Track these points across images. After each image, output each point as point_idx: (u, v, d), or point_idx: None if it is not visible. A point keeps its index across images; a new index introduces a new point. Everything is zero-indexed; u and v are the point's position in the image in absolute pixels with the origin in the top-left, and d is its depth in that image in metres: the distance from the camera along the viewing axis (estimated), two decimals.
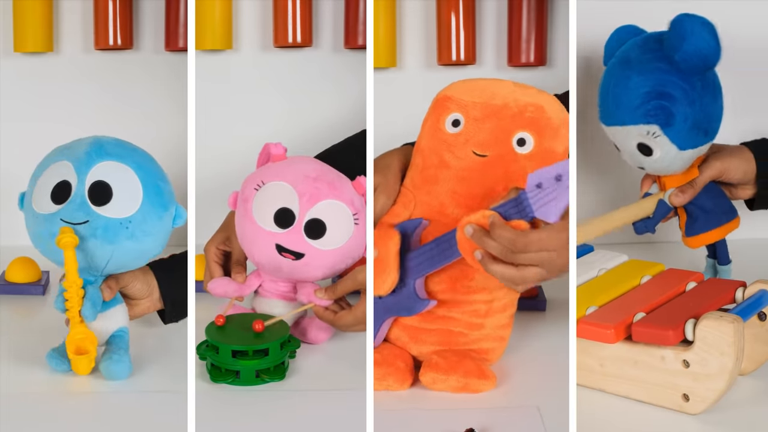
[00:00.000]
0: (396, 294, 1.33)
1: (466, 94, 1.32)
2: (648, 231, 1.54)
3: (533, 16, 1.80)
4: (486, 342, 1.35)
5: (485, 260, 1.24)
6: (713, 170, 1.52)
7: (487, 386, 1.31)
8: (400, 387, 1.32)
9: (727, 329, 1.19)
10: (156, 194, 1.34)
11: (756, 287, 1.31)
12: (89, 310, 1.32)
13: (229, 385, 1.33)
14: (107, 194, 1.31)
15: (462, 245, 1.25)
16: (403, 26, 1.83)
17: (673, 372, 1.23)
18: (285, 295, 1.46)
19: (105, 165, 1.33)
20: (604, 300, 1.34)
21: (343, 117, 1.84)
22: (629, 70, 1.47)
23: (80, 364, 1.33)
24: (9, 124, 1.83)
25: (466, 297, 1.33)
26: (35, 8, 1.78)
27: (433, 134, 1.34)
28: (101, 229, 1.30)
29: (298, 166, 1.44)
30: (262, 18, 1.83)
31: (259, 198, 1.41)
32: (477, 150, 1.31)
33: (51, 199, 1.32)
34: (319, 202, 1.40)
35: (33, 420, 1.25)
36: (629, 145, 1.49)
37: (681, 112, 1.44)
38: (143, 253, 1.35)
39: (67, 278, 1.31)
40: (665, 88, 1.44)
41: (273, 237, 1.40)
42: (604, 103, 1.51)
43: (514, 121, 1.30)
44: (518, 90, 1.31)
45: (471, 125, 1.31)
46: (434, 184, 1.33)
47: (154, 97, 1.84)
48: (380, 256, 1.32)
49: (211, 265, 1.49)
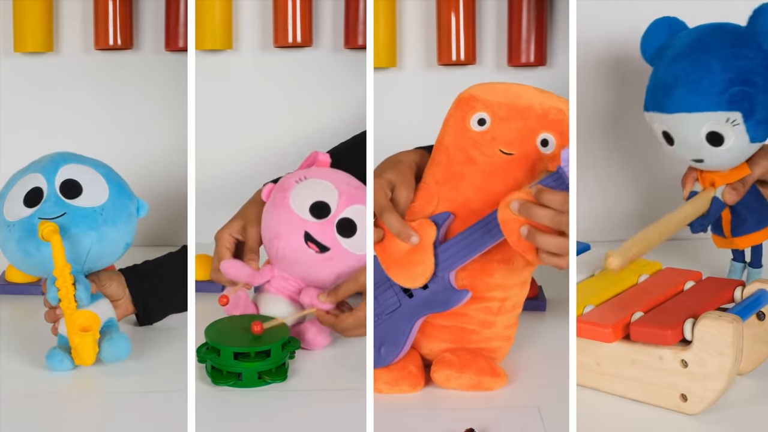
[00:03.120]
0: (428, 289, 1.33)
1: (490, 95, 1.34)
2: (703, 230, 1.51)
3: (533, 16, 1.80)
4: (495, 341, 1.36)
5: (533, 234, 1.24)
6: (762, 168, 1.49)
7: (498, 384, 1.32)
8: (413, 390, 1.32)
9: (726, 329, 1.19)
10: (119, 186, 1.42)
11: (755, 287, 1.30)
12: (83, 292, 1.35)
13: (231, 387, 1.33)
14: (77, 189, 1.39)
15: (506, 226, 1.26)
16: (403, 26, 1.83)
17: (671, 372, 1.23)
18: (291, 296, 1.45)
19: (70, 167, 1.41)
20: (601, 299, 1.34)
21: (343, 117, 1.84)
22: (707, 54, 1.43)
23: (85, 344, 1.33)
24: (9, 124, 1.83)
25: (483, 294, 1.34)
26: (35, 8, 1.79)
27: (458, 132, 1.35)
28: (80, 217, 1.37)
29: (341, 174, 1.47)
30: (262, 18, 1.83)
31: (299, 189, 1.44)
32: (504, 148, 1.32)
33: (24, 205, 1.37)
34: (356, 204, 1.43)
35: (33, 420, 1.25)
36: (697, 134, 1.44)
37: (762, 102, 1.41)
38: (118, 241, 1.40)
39: (56, 265, 1.32)
40: (751, 75, 1.41)
41: (304, 224, 1.41)
42: (667, 90, 1.46)
43: (539, 122, 1.32)
44: (540, 94, 1.33)
45: (497, 124, 1.33)
46: (460, 180, 1.34)
47: (154, 97, 1.85)
48: (420, 243, 1.32)
49: (222, 250, 1.48)
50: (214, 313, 1.43)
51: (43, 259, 1.35)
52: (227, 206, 1.60)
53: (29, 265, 1.38)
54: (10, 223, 1.36)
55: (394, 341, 1.33)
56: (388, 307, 1.34)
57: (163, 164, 1.85)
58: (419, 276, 1.32)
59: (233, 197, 1.69)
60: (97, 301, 1.39)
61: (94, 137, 1.82)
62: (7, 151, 1.82)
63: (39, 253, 1.35)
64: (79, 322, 1.34)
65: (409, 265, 1.32)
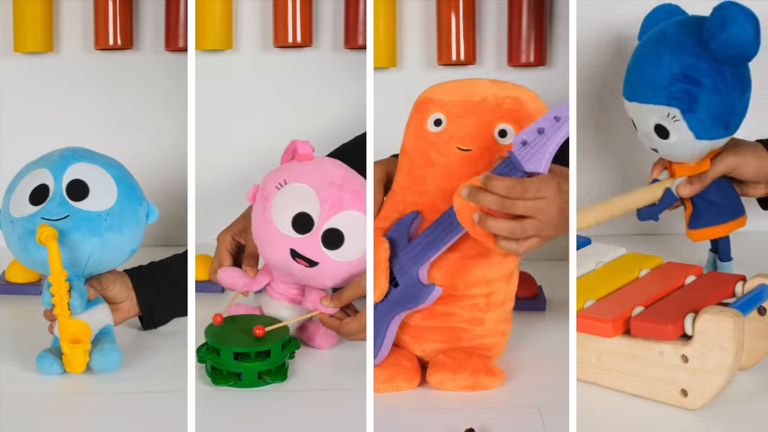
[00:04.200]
0: (399, 286, 1.33)
1: (444, 94, 1.36)
2: (651, 218, 1.52)
3: (533, 16, 1.80)
4: (488, 337, 1.36)
5: (483, 219, 1.25)
6: (725, 165, 1.50)
7: (495, 383, 1.32)
8: (409, 386, 1.32)
9: (726, 324, 1.19)
10: (129, 189, 1.39)
11: (756, 281, 1.30)
12: (77, 300, 1.33)
13: (231, 387, 1.32)
14: (84, 190, 1.36)
15: (461, 213, 1.27)
16: (403, 26, 1.83)
17: (671, 367, 1.23)
18: (293, 299, 1.45)
19: (79, 166, 1.38)
20: (601, 293, 1.33)
21: (343, 117, 1.84)
22: (662, 47, 1.44)
23: (75, 355, 1.32)
24: (9, 123, 1.83)
25: (465, 291, 1.34)
26: (35, 8, 1.79)
27: (417, 136, 1.36)
28: (83, 221, 1.34)
29: (324, 170, 1.41)
30: (262, 18, 1.83)
31: (280, 198, 1.39)
32: (461, 145, 1.33)
33: (29, 202, 1.35)
34: (340, 212, 1.38)
35: (32, 420, 1.25)
36: (647, 124, 1.47)
37: (705, 101, 1.41)
38: (122, 247, 1.37)
39: (52, 271, 1.32)
40: (694, 72, 1.41)
41: (289, 241, 1.38)
42: (630, 77, 1.48)
43: (494, 113, 1.33)
44: (495, 85, 1.34)
45: (453, 122, 1.34)
46: (422, 184, 1.35)
47: (154, 97, 1.84)
48: (375, 263, 1.32)
49: (223, 252, 1.48)
50: (213, 312, 1.42)
51: (42, 260, 1.34)
52: (227, 206, 1.60)
53: (29, 262, 1.38)
54: (14, 219, 1.36)
55: (374, 338, 1.33)
56: None
57: (163, 164, 1.84)
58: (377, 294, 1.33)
59: (233, 197, 1.69)
60: (94, 307, 1.38)
61: (94, 137, 1.81)
62: (6, 151, 1.82)
63: (38, 253, 1.34)
64: (69, 332, 1.32)
65: None
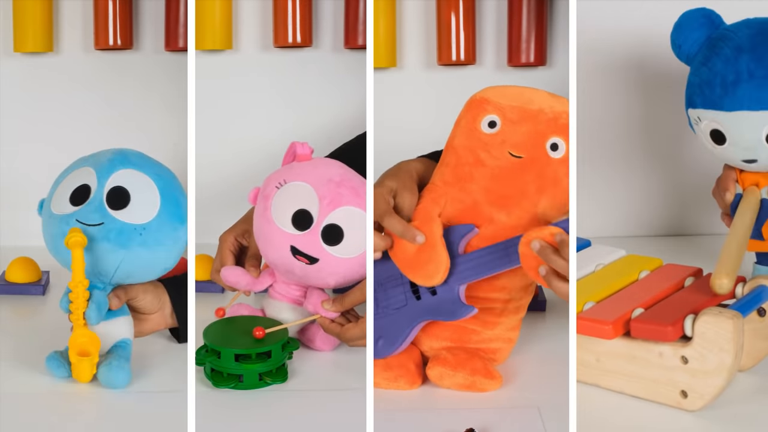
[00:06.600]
0: (437, 296, 1.33)
1: (502, 98, 1.34)
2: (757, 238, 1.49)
3: (533, 16, 1.80)
4: (496, 342, 1.36)
5: (549, 277, 1.25)
6: None
7: (492, 386, 1.32)
8: (411, 388, 1.33)
9: (726, 325, 1.19)
10: (174, 205, 1.34)
11: (755, 282, 1.30)
12: (93, 312, 1.31)
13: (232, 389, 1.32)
14: (125, 199, 1.31)
15: (526, 260, 1.27)
16: (403, 26, 1.83)
17: (671, 368, 1.23)
18: (295, 300, 1.44)
19: (126, 172, 1.33)
20: (601, 295, 1.33)
21: (343, 117, 1.84)
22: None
23: (82, 366, 1.31)
24: (9, 123, 1.83)
25: (486, 294, 1.34)
26: (35, 8, 1.79)
27: (468, 133, 1.35)
28: (115, 232, 1.30)
29: (322, 168, 1.41)
30: (262, 18, 1.83)
31: (279, 197, 1.39)
32: (513, 151, 1.33)
33: (69, 201, 1.32)
34: (339, 207, 1.38)
35: (33, 420, 1.25)
36: (756, 133, 1.42)
37: None
38: (153, 264, 1.34)
39: (73, 278, 1.30)
40: None
41: (289, 238, 1.38)
42: (726, 85, 1.43)
43: (549, 126, 1.32)
44: (552, 98, 1.34)
45: (508, 127, 1.33)
46: (468, 181, 1.34)
47: (154, 97, 1.84)
48: (426, 241, 1.32)
49: (225, 252, 1.47)
50: (213, 313, 1.42)
51: (69, 261, 1.31)
52: (228, 206, 1.60)
53: (58, 259, 1.35)
54: (53, 215, 1.33)
55: (392, 338, 1.33)
56: (394, 303, 1.35)
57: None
58: (434, 273, 1.32)
59: (233, 198, 1.69)
60: (114, 318, 1.35)
61: (94, 137, 1.82)
62: (6, 151, 1.82)
63: (67, 254, 1.30)
64: (79, 342, 1.31)
65: (420, 265, 1.32)
